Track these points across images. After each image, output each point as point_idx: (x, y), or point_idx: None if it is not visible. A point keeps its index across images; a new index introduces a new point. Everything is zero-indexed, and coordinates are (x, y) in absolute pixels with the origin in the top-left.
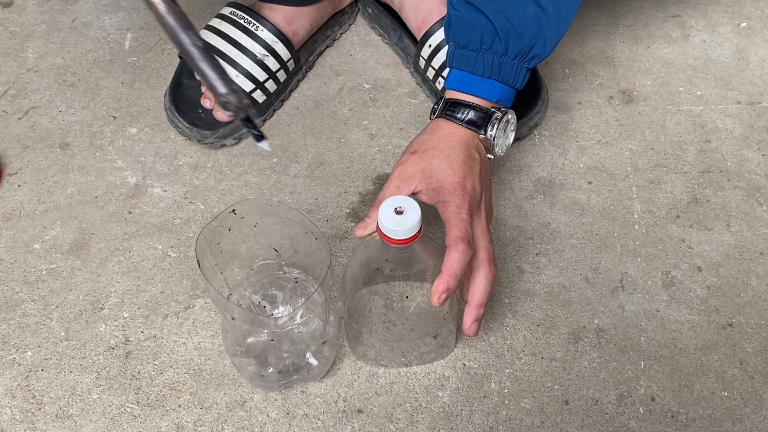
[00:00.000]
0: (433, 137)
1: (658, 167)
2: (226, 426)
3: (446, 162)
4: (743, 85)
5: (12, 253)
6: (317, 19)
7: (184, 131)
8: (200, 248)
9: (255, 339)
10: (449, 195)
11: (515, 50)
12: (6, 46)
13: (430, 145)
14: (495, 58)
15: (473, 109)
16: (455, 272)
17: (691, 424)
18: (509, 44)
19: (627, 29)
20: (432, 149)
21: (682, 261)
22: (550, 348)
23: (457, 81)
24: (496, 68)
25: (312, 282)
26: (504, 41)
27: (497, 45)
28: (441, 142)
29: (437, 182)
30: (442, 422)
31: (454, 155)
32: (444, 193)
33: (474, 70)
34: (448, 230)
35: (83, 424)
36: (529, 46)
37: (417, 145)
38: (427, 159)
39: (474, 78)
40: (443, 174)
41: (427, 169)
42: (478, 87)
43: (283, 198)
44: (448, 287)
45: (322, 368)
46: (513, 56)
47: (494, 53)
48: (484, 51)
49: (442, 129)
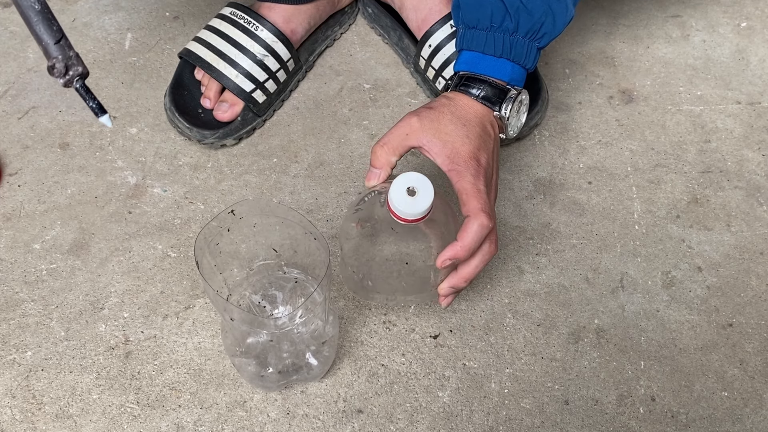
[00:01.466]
0: (450, 104)
1: (658, 167)
2: (226, 426)
3: (463, 131)
4: (743, 85)
5: (12, 253)
6: (315, 17)
7: (184, 131)
8: (199, 249)
9: (255, 339)
10: (464, 164)
11: (526, 27)
12: (6, 46)
13: (447, 110)
14: (506, 36)
15: (489, 85)
16: (469, 245)
17: (691, 424)
18: (519, 21)
19: (627, 29)
20: (449, 114)
21: (682, 261)
22: (550, 348)
23: (468, 61)
24: (507, 46)
25: (311, 282)
26: (514, 18)
27: (507, 22)
28: (459, 111)
29: (451, 148)
30: (442, 422)
31: (470, 126)
32: (458, 161)
33: (485, 50)
34: (466, 200)
35: (83, 424)
36: (539, 23)
37: (435, 104)
38: (444, 120)
39: (485, 57)
40: (459, 141)
41: (443, 131)
42: (489, 66)
43: (283, 198)
44: (457, 257)
45: (322, 368)
46: (523, 34)
47: (505, 31)
48: (494, 29)
49: (459, 101)
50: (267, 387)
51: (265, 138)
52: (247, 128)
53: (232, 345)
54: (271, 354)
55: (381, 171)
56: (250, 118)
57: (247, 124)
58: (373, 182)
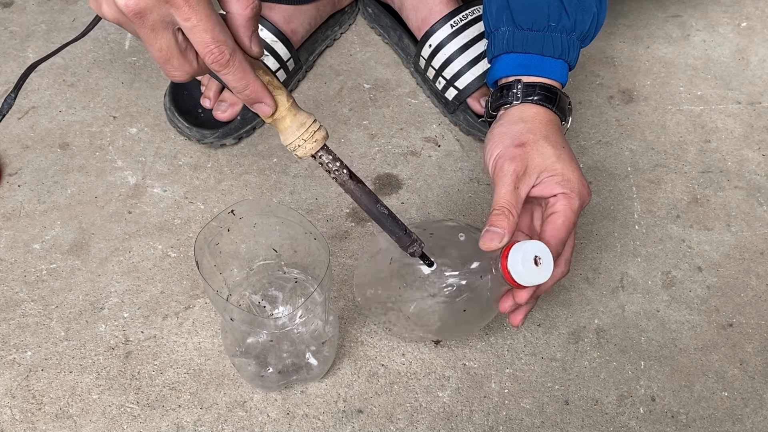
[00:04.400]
0: (536, 126)
1: (658, 167)
2: (226, 426)
3: (565, 154)
4: (743, 85)
5: (12, 253)
6: (316, 17)
7: (184, 131)
8: (199, 249)
9: (255, 339)
10: (577, 190)
11: (582, 27)
12: (6, 46)
13: (538, 135)
14: (563, 37)
15: (561, 95)
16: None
17: (691, 424)
18: (577, 20)
19: (627, 29)
20: (542, 140)
21: (682, 261)
22: (550, 348)
23: (526, 65)
24: (566, 47)
25: (311, 282)
26: (572, 16)
27: (565, 21)
28: (548, 132)
29: (561, 176)
30: (442, 422)
31: (565, 146)
32: (573, 186)
33: (544, 51)
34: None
35: (83, 424)
36: (589, 22)
37: (523, 137)
38: (542, 151)
39: (545, 59)
40: (567, 167)
41: (546, 163)
42: (550, 69)
43: (283, 198)
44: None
45: (322, 368)
46: (578, 34)
47: (562, 31)
48: (552, 29)
49: (540, 117)
50: (267, 387)
51: (265, 138)
52: (247, 128)
53: (232, 345)
54: (271, 354)
55: (506, 231)
56: (250, 117)
57: (246, 123)
58: (495, 244)
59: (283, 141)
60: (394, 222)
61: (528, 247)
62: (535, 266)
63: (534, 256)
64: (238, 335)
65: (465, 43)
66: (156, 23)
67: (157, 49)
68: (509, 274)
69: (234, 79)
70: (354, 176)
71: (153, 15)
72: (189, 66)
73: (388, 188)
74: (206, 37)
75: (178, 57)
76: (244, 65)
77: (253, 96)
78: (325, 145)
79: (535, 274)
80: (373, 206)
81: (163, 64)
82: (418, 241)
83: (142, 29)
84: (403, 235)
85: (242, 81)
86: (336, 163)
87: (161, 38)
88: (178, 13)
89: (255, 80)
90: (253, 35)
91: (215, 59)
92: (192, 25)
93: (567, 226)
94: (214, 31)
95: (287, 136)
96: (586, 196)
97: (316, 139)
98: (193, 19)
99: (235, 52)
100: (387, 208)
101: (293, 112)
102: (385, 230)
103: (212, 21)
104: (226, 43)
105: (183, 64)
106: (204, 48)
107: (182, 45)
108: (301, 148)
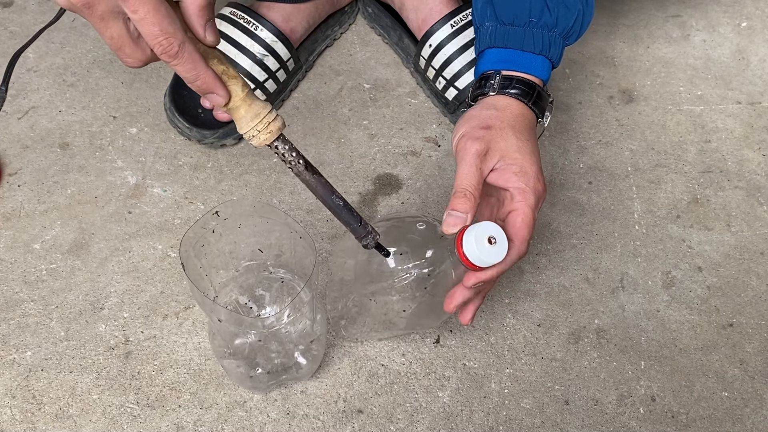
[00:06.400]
0: (505, 115)
1: (658, 167)
2: (226, 426)
3: (527, 146)
4: (743, 85)
5: (12, 253)
6: (315, 16)
7: (184, 131)
8: (184, 251)
9: (243, 340)
10: (532, 185)
11: (563, 24)
12: (6, 46)
13: (505, 123)
14: (545, 33)
15: (539, 90)
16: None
17: (692, 424)
18: (559, 16)
19: (627, 29)
20: (508, 128)
21: (683, 261)
22: (550, 348)
23: (506, 59)
24: (547, 43)
25: (298, 281)
26: (554, 13)
27: (546, 17)
28: (515, 123)
29: (519, 166)
30: (442, 422)
31: (530, 140)
32: (528, 181)
33: (524, 47)
34: (520, 226)
35: (83, 424)
36: (572, 20)
37: (490, 120)
38: (506, 138)
39: (524, 54)
40: (527, 160)
41: (509, 150)
42: (529, 64)
43: (283, 198)
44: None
45: (311, 367)
46: (561, 30)
47: (543, 27)
48: (533, 25)
49: (512, 108)
50: (257, 388)
51: None
52: None
53: (220, 347)
54: (260, 354)
55: (467, 215)
56: None
57: None
58: (453, 229)
59: (239, 130)
60: (349, 213)
61: (481, 228)
62: (490, 245)
63: (488, 236)
64: (226, 336)
65: (465, 43)
66: (105, 13)
67: (109, 36)
68: (465, 255)
69: (184, 70)
70: (310, 167)
71: (101, 5)
72: (142, 53)
73: (388, 188)
74: (154, 29)
75: (130, 45)
76: (194, 56)
77: (204, 86)
78: (281, 135)
79: (491, 254)
80: (328, 197)
81: (116, 50)
82: (372, 233)
83: (91, 18)
84: (358, 227)
85: (192, 72)
86: (292, 153)
87: (111, 27)
88: (125, 5)
89: (206, 71)
90: (207, 24)
91: (164, 50)
92: (139, 17)
93: (527, 224)
94: (162, 23)
95: (242, 126)
96: (542, 192)
97: (270, 130)
98: (141, 12)
99: (184, 44)
100: (343, 200)
101: (248, 102)
102: (341, 221)
103: (160, 13)
104: (174, 35)
105: (135, 52)
106: (152, 39)
107: (134, 33)
108: (255, 138)
